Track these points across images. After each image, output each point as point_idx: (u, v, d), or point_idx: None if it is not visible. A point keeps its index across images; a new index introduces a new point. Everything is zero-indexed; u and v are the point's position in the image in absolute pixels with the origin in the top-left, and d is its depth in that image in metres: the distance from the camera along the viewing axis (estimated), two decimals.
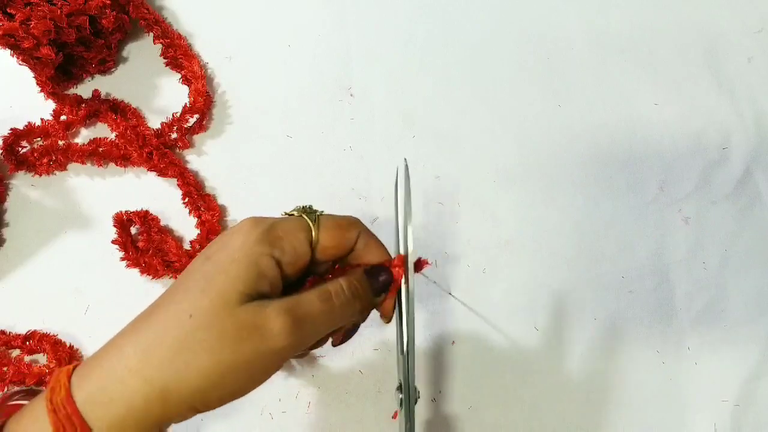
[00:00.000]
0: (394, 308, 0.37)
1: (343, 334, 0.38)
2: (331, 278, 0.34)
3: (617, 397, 0.48)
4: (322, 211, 0.35)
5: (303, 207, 0.35)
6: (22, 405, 0.31)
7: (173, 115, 0.56)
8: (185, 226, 0.53)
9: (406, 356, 0.35)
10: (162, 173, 0.54)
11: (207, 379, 0.28)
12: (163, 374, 0.28)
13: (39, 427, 0.28)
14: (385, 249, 0.36)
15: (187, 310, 0.29)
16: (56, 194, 0.55)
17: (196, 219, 0.53)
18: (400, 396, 0.37)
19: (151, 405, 0.28)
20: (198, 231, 0.53)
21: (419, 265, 0.38)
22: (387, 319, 0.37)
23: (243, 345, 0.28)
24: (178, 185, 0.54)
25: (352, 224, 0.35)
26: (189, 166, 0.56)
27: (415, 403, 0.37)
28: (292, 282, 0.34)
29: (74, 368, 0.30)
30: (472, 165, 0.55)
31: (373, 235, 0.36)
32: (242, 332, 0.29)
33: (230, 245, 0.31)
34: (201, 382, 0.28)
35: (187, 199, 0.53)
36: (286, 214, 0.35)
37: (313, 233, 0.33)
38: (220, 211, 0.53)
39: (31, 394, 0.32)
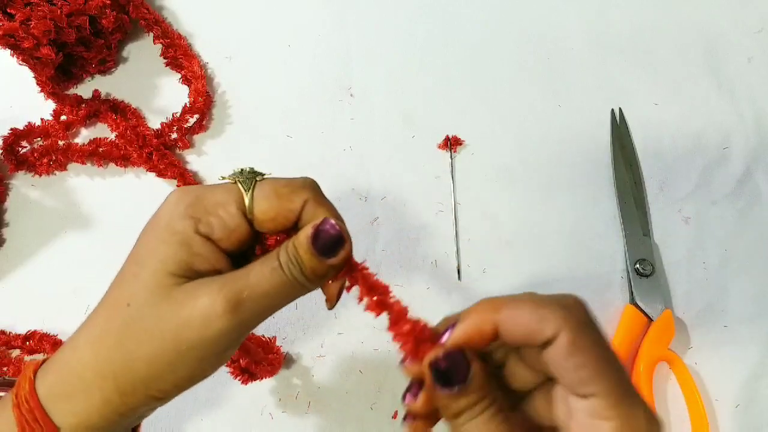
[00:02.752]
0: (339, 297, 0.31)
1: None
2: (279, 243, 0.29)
3: None
4: (265, 176, 0.30)
5: (241, 170, 0.30)
6: None
7: (173, 115, 0.56)
8: None
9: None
10: (161, 174, 0.54)
11: (154, 366, 0.27)
12: (113, 365, 0.27)
13: (5, 421, 0.28)
14: (340, 220, 0.30)
15: (125, 298, 0.28)
16: (56, 194, 0.55)
17: None
18: None
19: (109, 396, 0.28)
20: None
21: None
22: (330, 305, 0.31)
23: (184, 330, 0.27)
24: (178, 186, 0.54)
25: (294, 191, 0.29)
26: (189, 166, 0.56)
27: None
28: (244, 251, 0.30)
29: (43, 362, 0.29)
30: (472, 165, 0.55)
31: (326, 203, 0.30)
32: (180, 317, 0.27)
33: (157, 224, 0.29)
34: (149, 370, 0.27)
35: None
36: (222, 178, 0.30)
37: (246, 203, 0.28)
38: None
39: (5, 384, 0.32)
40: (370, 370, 0.49)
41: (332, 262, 0.28)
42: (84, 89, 0.58)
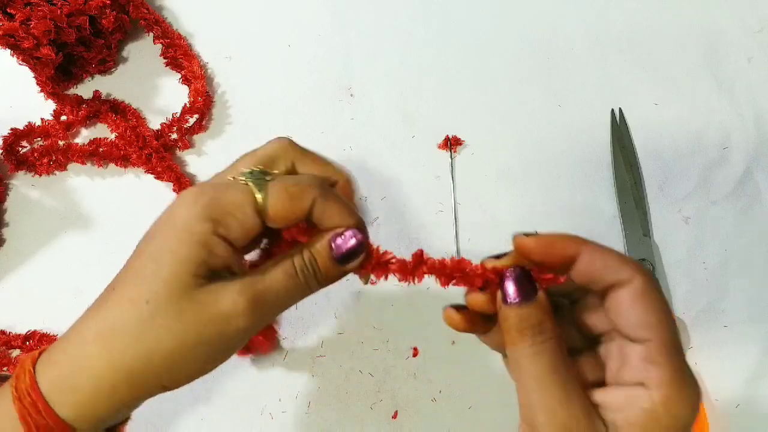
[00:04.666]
0: (369, 278, 0.33)
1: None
2: (291, 243, 0.31)
3: None
4: (275, 174, 0.32)
5: (252, 171, 0.32)
6: None
7: (173, 116, 0.56)
8: None
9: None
10: (159, 176, 0.54)
11: (171, 360, 0.29)
12: (128, 359, 0.28)
13: (5, 414, 0.28)
14: (350, 211, 0.32)
15: (143, 295, 0.29)
16: (56, 194, 0.55)
17: None
18: None
19: (118, 388, 0.28)
20: None
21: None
22: (365, 280, 0.33)
23: (205, 327, 0.28)
24: (174, 190, 0.54)
25: (305, 191, 0.30)
26: (189, 166, 0.56)
27: None
28: (253, 243, 0.32)
29: (39, 354, 0.30)
30: (472, 165, 0.55)
31: (336, 198, 0.31)
32: (202, 315, 0.28)
33: (173, 222, 0.29)
34: (166, 363, 0.29)
35: None
36: (233, 178, 0.32)
37: (260, 203, 0.30)
38: None
39: (1, 380, 0.32)
40: (370, 370, 0.49)
41: (350, 267, 0.31)
42: (84, 89, 0.58)
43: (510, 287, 0.28)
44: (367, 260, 0.32)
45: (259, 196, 0.30)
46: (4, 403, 0.29)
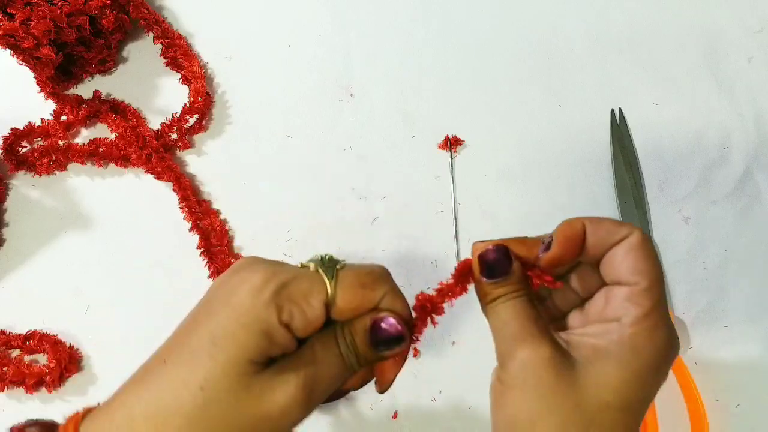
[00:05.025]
0: (391, 383, 0.32)
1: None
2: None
3: None
4: (344, 263, 0.30)
5: (321, 258, 0.30)
6: None
7: (173, 116, 0.56)
8: (183, 228, 0.53)
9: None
10: (159, 177, 0.54)
11: None
12: None
13: None
14: (408, 309, 0.31)
15: (197, 381, 0.27)
16: (56, 194, 0.55)
17: (191, 223, 0.53)
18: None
19: None
20: (194, 234, 0.53)
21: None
22: (381, 388, 0.32)
23: (263, 421, 0.27)
24: (174, 190, 0.54)
25: (377, 281, 0.30)
26: (189, 166, 0.56)
27: None
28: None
29: (83, 416, 0.29)
30: (472, 165, 0.55)
31: (400, 293, 0.31)
32: (260, 409, 0.27)
33: (237, 302, 0.28)
34: None
35: (183, 204, 0.53)
36: (302, 265, 0.30)
37: (329, 293, 0.29)
38: (219, 220, 0.53)
39: (45, 428, 0.31)
40: None
41: (387, 354, 0.30)
42: (84, 89, 0.58)
43: (487, 265, 0.30)
44: (403, 355, 0.31)
45: (329, 284, 0.29)
46: None
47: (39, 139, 0.56)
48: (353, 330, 0.30)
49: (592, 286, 0.31)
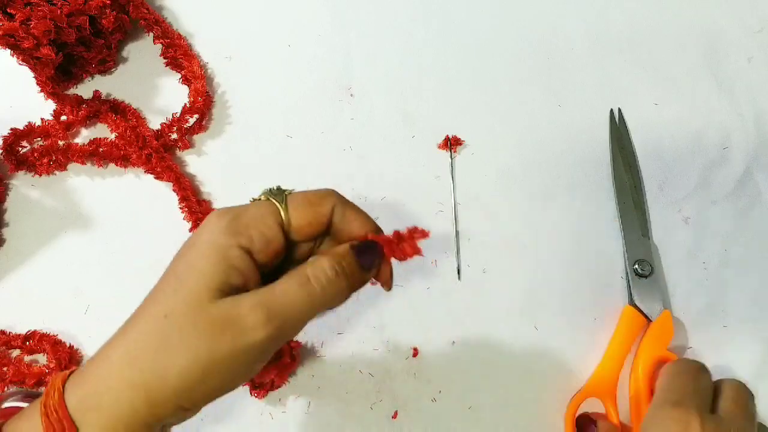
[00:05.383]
0: (392, 275, 0.35)
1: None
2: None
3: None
4: (291, 190, 0.33)
5: (270, 189, 0.33)
6: (18, 407, 0.31)
7: (173, 116, 0.56)
8: (183, 228, 0.53)
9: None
10: (159, 176, 0.54)
11: (188, 378, 0.28)
12: (145, 376, 0.28)
13: (33, 428, 0.28)
14: (367, 217, 0.34)
15: (162, 311, 0.29)
16: (56, 194, 0.55)
17: (191, 223, 0.53)
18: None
19: (137, 408, 0.28)
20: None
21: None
22: (388, 287, 0.35)
23: (219, 342, 0.28)
24: (174, 190, 0.54)
25: (323, 197, 0.33)
26: (189, 166, 0.56)
27: None
28: (273, 268, 0.33)
29: (70, 373, 0.30)
30: (472, 165, 0.55)
31: (352, 205, 0.34)
32: (217, 329, 0.28)
33: (198, 241, 0.30)
34: (182, 381, 0.28)
35: (183, 204, 0.53)
36: (252, 199, 0.34)
37: (282, 214, 0.32)
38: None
39: (27, 396, 0.33)
40: (370, 370, 0.49)
41: (372, 272, 0.33)
42: (84, 89, 0.58)
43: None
44: (383, 265, 0.34)
45: (280, 207, 0.32)
46: (34, 419, 0.29)
47: (39, 139, 0.56)
48: (337, 255, 0.32)
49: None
